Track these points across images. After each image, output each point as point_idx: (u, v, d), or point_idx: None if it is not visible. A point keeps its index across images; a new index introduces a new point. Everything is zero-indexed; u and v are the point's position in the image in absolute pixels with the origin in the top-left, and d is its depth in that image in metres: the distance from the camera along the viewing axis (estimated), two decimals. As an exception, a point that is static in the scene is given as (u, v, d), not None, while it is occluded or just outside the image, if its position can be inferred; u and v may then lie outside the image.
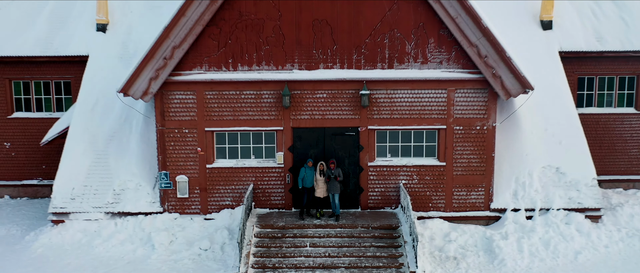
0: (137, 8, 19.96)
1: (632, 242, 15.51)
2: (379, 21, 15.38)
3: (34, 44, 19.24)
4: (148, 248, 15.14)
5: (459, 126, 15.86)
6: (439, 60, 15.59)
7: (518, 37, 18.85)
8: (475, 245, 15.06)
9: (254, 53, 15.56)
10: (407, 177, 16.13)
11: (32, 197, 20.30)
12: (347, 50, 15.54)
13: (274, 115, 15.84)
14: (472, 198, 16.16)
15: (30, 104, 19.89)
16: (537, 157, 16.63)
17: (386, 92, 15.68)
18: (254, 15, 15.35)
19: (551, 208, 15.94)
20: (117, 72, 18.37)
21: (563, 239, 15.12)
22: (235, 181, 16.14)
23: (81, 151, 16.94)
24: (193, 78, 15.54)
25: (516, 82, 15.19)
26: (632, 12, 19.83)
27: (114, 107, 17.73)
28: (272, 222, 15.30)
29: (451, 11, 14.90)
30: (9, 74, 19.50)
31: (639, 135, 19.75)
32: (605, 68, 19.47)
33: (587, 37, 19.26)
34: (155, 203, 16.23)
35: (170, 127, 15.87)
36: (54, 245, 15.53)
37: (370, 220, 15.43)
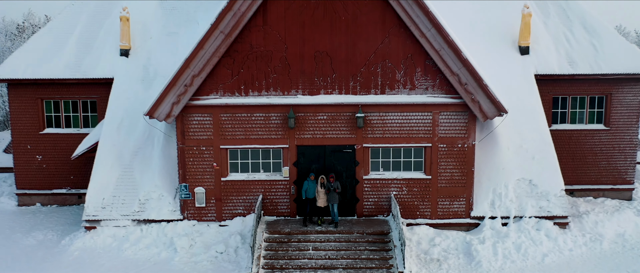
0: (156, 34, 22.16)
1: (594, 246, 17.73)
2: (373, 53, 17.59)
3: (64, 68, 21.42)
4: (171, 252, 17.33)
5: (443, 144, 18.07)
6: (425, 86, 17.80)
7: (499, 61, 21.08)
8: (456, 249, 17.26)
9: (263, 80, 17.77)
10: (397, 189, 18.34)
11: (61, 205, 22.50)
12: (344, 78, 17.75)
13: (281, 135, 18.05)
14: (455, 207, 18.37)
15: (59, 120, 22.08)
16: (512, 170, 18.84)
17: (379, 114, 17.89)
18: (263, 47, 17.56)
19: (524, 216, 18.15)
20: (140, 93, 20.61)
21: (533, 243, 17.33)
22: (247, 192, 18.35)
23: (109, 165, 19.14)
24: (210, 102, 17.75)
25: (492, 106, 17.40)
26: (602, 38, 22.04)
27: (138, 125, 19.92)
28: (279, 229, 17.51)
29: (435, 45, 17.11)
30: (41, 94, 21.70)
31: (608, 149, 21.95)
32: (577, 89, 21.67)
33: (561, 62, 21.46)
34: (176, 211, 18.44)
35: (189, 145, 18.08)
36: (88, 248, 17.73)
37: (365, 226, 17.65)
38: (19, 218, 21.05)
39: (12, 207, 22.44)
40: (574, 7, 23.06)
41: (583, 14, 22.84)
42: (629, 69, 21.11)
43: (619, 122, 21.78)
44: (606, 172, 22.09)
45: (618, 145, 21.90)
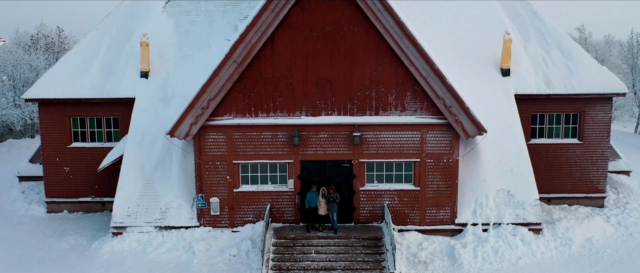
0: (172, 57, 24.46)
1: (564, 250, 20.04)
2: (368, 79, 19.90)
3: (90, 88, 23.72)
4: (190, 255, 19.63)
5: (430, 159, 20.38)
6: (414, 108, 20.11)
7: (482, 82, 23.37)
8: (441, 252, 19.57)
9: (271, 103, 20.08)
10: (390, 199, 20.65)
11: (86, 212, 24.82)
12: (343, 101, 20.06)
13: (286, 151, 20.35)
14: (441, 215, 20.67)
15: (85, 135, 24.38)
16: (493, 182, 21.14)
17: (373, 133, 20.20)
18: (271, 74, 19.87)
19: (502, 223, 20.45)
20: (159, 111, 22.92)
21: (509, 247, 19.63)
22: (256, 202, 20.66)
23: (133, 178, 21.44)
24: (224, 123, 20.06)
25: (473, 126, 19.71)
26: (576, 61, 24.34)
27: (158, 141, 22.22)
28: (286, 234, 19.81)
29: (423, 72, 19.42)
30: (69, 112, 24.00)
31: (582, 161, 24.24)
32: (553, 107, 23.97)
33: (539, 82, 23.76)
34: (193, 219, 20.74)
35: (205, 160, 20.38)
36: (116, 252, 20.03)
37: (361, 232, 19.95)
38: (50, 224, 23.36)
39: (41, 214, 24.76)
40: (552, 31, 25.38)
41: (560, 38, 25.16)
42: (600, 89, 23.40)
43: (592, 137, 24.07)
44: (580, 181, 24.38)
45: (591, 158, 24.20)
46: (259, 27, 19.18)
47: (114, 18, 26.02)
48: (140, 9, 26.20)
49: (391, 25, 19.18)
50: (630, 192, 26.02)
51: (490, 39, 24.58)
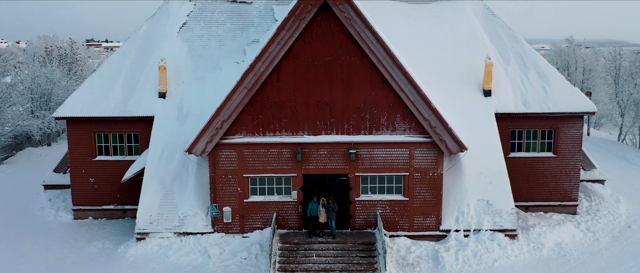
0: (187, 79, 27.09)
1: (535, 253, 22.69)
2: (362, 102, 22.56)
3: (113, 107, 26.35)
4: (205, 258, 22.27)
5: (418, 173, 23.03)
6: (404, 128, 22.78)
7: (466, 102, 26.00)
8: (427, 255, 22.22)
9: (277, 124, 22.73)
10: (382, 208, 23.31)
11: (109, 218, 27.46)
12: (340, 122, 22.71)
13: (290, 166, 23.00)
14: (427, 222, 23.33)
15: (108, 150, 27.02)
16: (473, 193, 23.79)
17: (367, 150, 22.85)
18: (277, 98, 22.53)
19: (481, 229, 23.09)
20: (176, 129, 25.56)
21: (487, 251, 22.28)
22: (264, 211, 23.31)
23: (154, 189, 24.09)
24: (235, 141, 22.72)
25: (455, 144, 22.37)
26: (551, 82, 26.99)
27: (175, 156, 24.86)
28: (290, 239, 22.47)
29: (411, 97, 22.08)
30: (94, 129, 26.65)
31: (556, 172, 26.89)
32: (530, 124, 26.62)
33: (517, 102, 26.40)
34: (208, 226, 23.38)
35: (219, 174, 23.04)
36: (140, 255, 22.68)
37: (356, 238, 22.61)
38: (78, 230, 26.01)
39: (69, 220, 27.41)
40: (530, 55, 28.05)
41: (537, 61, 27.82)
42: (572, 108, 26.07)
43: (565, 151, 26.73)
44: (555, 191, 27.04)
45: (564, 169, 26.86)
46: (266, 57, 21.84)
47: (133, 42, 28.67)
48: (157, 34, 28.84)
49: (383, 55, 21.85)
50: (602, 200, 28.71)
51: (474, 62, 27.21)
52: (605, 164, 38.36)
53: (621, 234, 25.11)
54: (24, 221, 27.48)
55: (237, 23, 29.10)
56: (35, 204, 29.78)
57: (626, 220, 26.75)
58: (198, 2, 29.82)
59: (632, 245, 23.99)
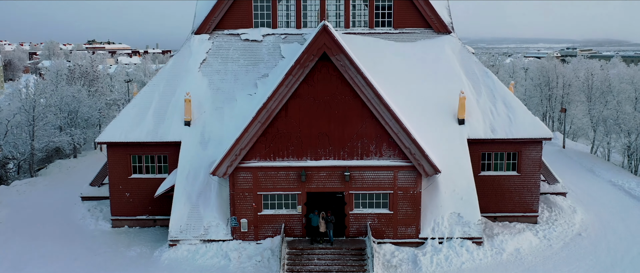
0: (207, 109, 32.01)
1: (497, 257, 27.65)
2: (355, 134, 27.54)
3: (146, 134, 31.30)
4: (226, 261, 27.23)
5: (401, 191, 28.02)
6: (389, 155, 27.76)
7: (443, 129, 30.90)
8: (408, 259, 27.18)
9: (285, 151, 27.71)
10: (371, 220, 28.29)
11: (141, 227, 32.42)
12: (337, 149, 27.69)
13: (296, 185, 27.98)
14: (408, 231, 28.31)
15: (142, 169, 31.97)
16: (447, 207, 28.75)
17: (359, 172, 27.84)
18: (285, 130, 27.51)
19: (453, 237, 28.05)
20: (199, 152, 30.48)
21: (457, 255, 27.24)
22: (274, 222, 28.28)
23: (183, 203, 29.06)
24: (251, 165, 27.70)
25: (431, 168, 27.35)
26: (516, 112, 31.93)
27: (200, 175, 29.80)
28: (295, 246, 27.45)
29: (394, 129, 27.06)
30: (130, 152, 31.61)
31: (520, 188, 31.84)
32: (497, 147, 31.57)
33: (486, 129, 31.35)
34: (228, 234, 28.35)
35: (237, 192, 28.02)
36: (173, 259, 27.64)
37: (350, 244, 27.60)
38: (117, 237, 30.98)
39: (108, 228, 32.37)
40: (499, 88, 33.00)
41: (505, 94, 32.78)
42: (532, 135, 31.03)
43: (527, 170, 31.69)
44: (518, 204, 32.01)
45: (526, 186, 31.82)
46: (277, 97, 26.82)
47: (161, 76, 33.65)
48: (181, 69, 33.79)
49: (371, 96, 26.84)
50: (561, 211, 33.70)
51: (451, 94, 32.10)
52: (573, 176, 43.40)
53: (572, 241, 30.09)
54: (69, 228, 32.45)
55: (249, 59, 34.06)
56: (76, 214, 34.76)
57: (578, 228, 31.72)
58: (215, 40, 34.79)
59: (579, 250, 28.97)
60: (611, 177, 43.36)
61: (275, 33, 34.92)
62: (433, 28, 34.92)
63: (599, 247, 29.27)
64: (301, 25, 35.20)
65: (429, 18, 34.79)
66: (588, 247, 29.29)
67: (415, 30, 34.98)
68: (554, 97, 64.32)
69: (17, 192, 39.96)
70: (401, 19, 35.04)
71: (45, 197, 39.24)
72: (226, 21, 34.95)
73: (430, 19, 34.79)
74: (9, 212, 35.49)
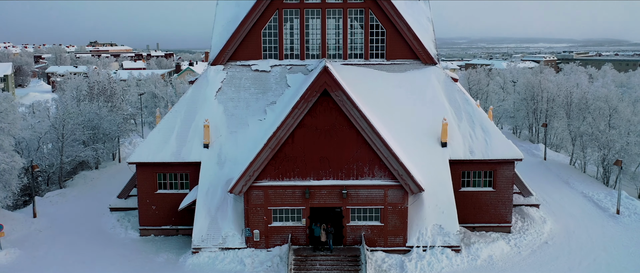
0: (223, 133, 36.77)
1: (472, 262, 32.42)
2: (351, 157, 32.33)
3: (170, 155, 36.06)
4: (242, 266, 32.00)
5: (390, 206, 32.79)
6: (380, 175, 32.54)
7: (428, 151, 35.64)
8: (396, 265, 31.93)
9: (291, 172, 32.48)
10: (365, 230, 33.06)
11: (166, 236, 37.18)
12: (336, 171, 32.46)
13: (301, 201, 32.76)
14: (397, 241, 33.07)
15: (166, 185, 36.75)
16: (430, 219, 33.51)
17: (355, 190, 32.62)
18: (291, 154, 32.29)
19: (435, 246, 32.81)
20: (217, 172, 35.23)
21: (438, 261, 32.00)
22: (282, 232, 33.07)
23: (203, 216, 33.82)
24: (263, 184, 32.49)
25: (416, 187, 32.14)
26: (492, 136, 36.68)
27: (217, 192, 34.56)
28: (300, 253, 32.24)
29: (385, 154, 31.84)
30: (156, 170, 36.37)
31: (495, 202, 36.59)
32: (475, 167, 36.32)
33: (465, 151, 36.09)
34: (242, 243, 33.12)
35: (251, 207, 32.80)
36: (196, 264, 32.38)
37: (347, 252, 32.39)
38: (145, 245, 35.75)
39: (136, 237, 37.14)
40: (477, 114, 37.75)
41: (482, 120, 37.53)
42: (505, 156, 35.78)
43: (501, 186, 36.45)
44: (494, 215, 36.77)
45: (500, 200, 36.59)
46: (285, 127, 31.61)
47: (182, 104, 38.41)
48: (200, 97, 38.55)
49: (365, 126, 31.64)
50: (532, 221, 38.48)
51: (436, 120, 36.84)
52: (549, 187, 48.19)
53: (539, 248, 34.87)
54: (102, 237, 37.25)
55: (259, 88, 38.84)
56: (106, 223, 39.55)
57: (546, 237, 36.50)
58: (229, 70, 39.58)
59: (544, 257, 33.73)
60: (584, 188, 48.08)
61: (282, 64, 39.72)
62: (421, 60, 39.70)
63: (562, 254, 34.05)
64: (304, 56, 40.01)
65: (417, 51, 39.58)
66: (552, 254, 34.07)
67: (405, 61, 39.77)
68: (539, 111, 69.05)
69: (51, 202, 44.73)
70: (393, 52, 39.83)
71: (76, 207, 44.03)
72: (238, 53, 39.75)
73: (418, 51, 39.58)
74: (47, 222, 40.27)
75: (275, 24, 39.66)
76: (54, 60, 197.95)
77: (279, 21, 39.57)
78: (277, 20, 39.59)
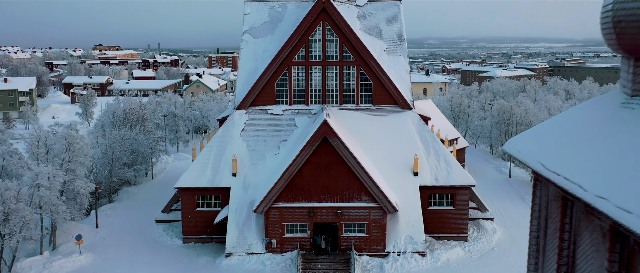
0: (247, 165, 48.09)
1: (434, 264, 43.74)
2: (344, 186, 43.66)
3: (207, 182, 47.38)
4: (263, 266, 43.31)
5: (373, 222, 44.13)
6: (365, 199, 43.88)
7: (403, 179, 46.97)
8: (377, 265, 43.25)
9: (300, 197, 43.81)
10: (355, 240, 44.39)
11: (203, 243, 48.49)
12: (333, 196, 43.80)
13: (307, 218, 44.09)
14: (378, 248, 44.39)
15: (203, 204, 48.08)
16: (403, 232, 44.81)
17: (347, 210, 43.97)
18: (300, 184, 43.61)
19: (407, 251, 44.12)
20: (242, 195, 46.58)
21: (408, 263, 43.31)
22: (293, 241, 44.39)
23: (234, 228, 45.14)
24: (279, 206, 43.83)
25: (392, 208, 43.50)
26: (452, 167, 47.97)
27: (243, 210, 45.88)
28: (306, 256, 43.58)
29: (369, 184, 43.17)
30: (196, 193, 47.66)
31: (454, 217, 47.90)
32: (439, 191, 47.63)
33: (432, 179, 47.40)
34: (263, 249, 44.43)
35: (270, 222, 44.14)
36: (229, 265, 43.70)
37: (341, 256, 43.75)
38: (188, 250, 47.07)
39: (180, 244, 48.44)
40: (442, 150, 49.04)
41: (446, 154, 48.81)
42: (462, 183, 47.09)
43: (459, 205, 47.74)
44: (454, 228, 48.07)
45: (459, 215, 47.88)
46: (295, 164, 42.92)
47: (214, 141, 49.72)
48: (228, 136, 49.86)
49: (354, 163, 42.96)
50: (485, 232, 49.80)
51: (410, 154, 48.17)
52: (506, 202, 59.46)
53: (486, 253, 46.16)
54: (153, 243, 48.58)
55: (273, 128, 50.17)
56: (154, 233, 50.88)
57: (494, 244, 47.80)
58: (250, 114, 50.88)
59: (489, 260, 45.00)
60: (535, 203, 59.29)
61: (291, 108, 51.06)
62: (400, 105, 51.03)
63: (502, 258, 45.36)
64: (309, 102, 51.35)
65: (397, 99, 50.90)
66: (495, 258, 45.38)
67: (387, 107, 51.11)
68: (510, 133, 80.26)
69: (106, 215, 56.07)
70: (378, 99, 51.16)
71: (126, 218, 55.36)
72: (257, 100, 51.10)
73: (397, 99, 50.90)
74: (107, 231, 51.61)
75: (285, 77, 51.02)
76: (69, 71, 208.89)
77: (289, 75, 50.95)
78: (287, 74, 50.96)
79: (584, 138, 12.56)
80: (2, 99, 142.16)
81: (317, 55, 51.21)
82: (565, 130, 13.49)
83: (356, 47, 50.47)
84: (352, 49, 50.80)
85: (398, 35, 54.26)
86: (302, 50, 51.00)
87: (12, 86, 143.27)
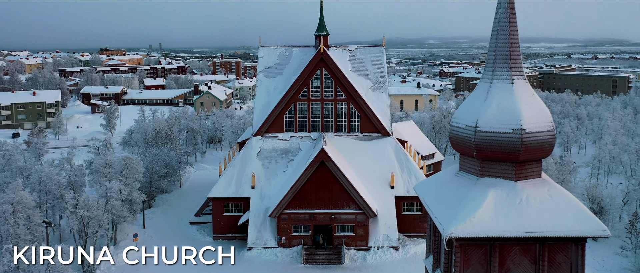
0: (262, 180, 62.46)
1: (404, 255, 58.19)
2: (336, 197, 58.13)
3: (232, 193, 61.77)
4: (275, 257, 57.74)
5: (358, 224, 58.56)
6: (353, 207, 58.33)
7: (382, 192, 61.37)
8: (361, 257, 57.64)
9: (303, 205, 58.25)
10: (345, 238, 58.83)
11: (229, 240, 62.90)
12: (328, 204, 58.23)
13: (308, 221, 58.53)
14: (363, 243, 58.77)
15: (229, 210, 62.52)
16: (382, 231, 59.18)
17: (339, 215, 58.40)
18: (303, 195, 58.08)
19: (384, 246, 58.51)
20: (260, 203, 60.98)
21: (384, 255, 57.71)
22: (298, 238, 58.81)
23: (254, 228, 59.53)
24: (288, 212, 58.26)
25: (373, 214, 57.99)
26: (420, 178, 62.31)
27: (260, 215, 60.24)
28: (308, 250, 58.04)
29: (355, 196, 57.63)
30: (224, 202, 62.06)
31: (422, 221, 62.27)
32: (411, 200, 61.96)
33: (405, 191, 61.77)
34: (276, 244, 58.80)
35: (281, 223, 58.57)
36: (250, 256, 58.11)
37: (334, 249, 58.22)
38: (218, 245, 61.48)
39: (211, 241, 62.85)
40: (413, 167, 63.43)
41: (416, 171, 63.22)
42: (428, 194, 61.56)
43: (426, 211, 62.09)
44: (421, 228, 62.40)
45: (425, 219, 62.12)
46: (300, 181, 57.37)
47: (236, 161, 64.16)
48: (247, 157, 64.27)
49: (345, 180, 57.42)
50: (447, 231, 64.26)
51: (388, 172, 62.51)
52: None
53: (446, 248, 60.56)
54: (190, 240, 62.84)
55: (282, 151, 64.63)
56: (189, 232, 65.32)
57: (453, 241, 62.18)
58: (264, 139, 65.34)
59: (447, 252, 59.38)
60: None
61: (296, 135, 65.56)
62: (381, 133, 65.51)
63: (457, 251, 59.72)
64: (310, 130, 65.87)
65: (379, 128, 65.38)
66: (452, 251, 59.79)
67: (371, 134, 65.58)
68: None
69: (149, 218, 70.47)
70: (364, 128, 65.64)
71: (164, 221, 69.82)
72: (270, 128, 65.62)
73: (380, 128, 65.38)
74: (153, 231, 66.01)
75: (292, 111, 65.53)
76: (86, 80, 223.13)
77: (294, 109, 65.46)
78: (293, 108, 65.46)
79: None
80: (31, 110, 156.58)
81: (316, 93, 65.61)
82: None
83: (347, 88, 64.94)
84: (344, 89, 65.25)
85: (381, 75, 68.75)
86: (305, 90, 65.45)
87: (41, 99, 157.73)
